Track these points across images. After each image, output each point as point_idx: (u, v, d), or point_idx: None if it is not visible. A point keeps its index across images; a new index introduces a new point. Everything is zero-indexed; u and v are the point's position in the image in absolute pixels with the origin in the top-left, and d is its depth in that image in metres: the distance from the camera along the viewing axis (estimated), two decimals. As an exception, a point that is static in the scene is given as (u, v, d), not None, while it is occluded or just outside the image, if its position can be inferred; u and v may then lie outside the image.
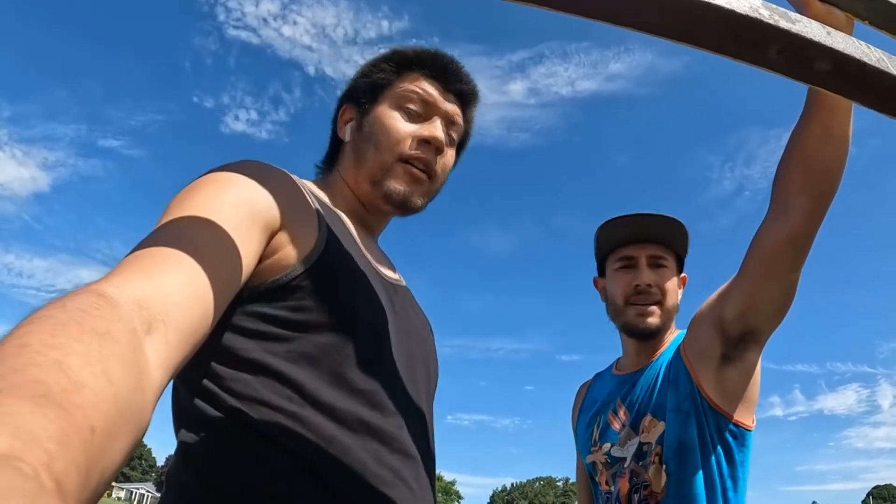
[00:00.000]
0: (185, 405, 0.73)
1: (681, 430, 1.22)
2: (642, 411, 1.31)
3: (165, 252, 0.54)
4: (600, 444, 1.39)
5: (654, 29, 0.44)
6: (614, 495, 1.30)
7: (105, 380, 0.35)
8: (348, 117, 0.98)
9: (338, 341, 0.73)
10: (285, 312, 0.71)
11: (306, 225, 0.76)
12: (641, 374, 1.37)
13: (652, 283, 1.34)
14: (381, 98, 0.94)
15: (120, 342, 0.39)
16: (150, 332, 0.46)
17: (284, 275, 0.71)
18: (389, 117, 0.92)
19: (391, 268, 0.97)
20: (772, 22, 0.43)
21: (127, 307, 0.44)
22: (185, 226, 0.60)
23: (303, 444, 0.68)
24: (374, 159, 0.91)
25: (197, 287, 0.54)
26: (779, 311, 1.15)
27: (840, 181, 1.01)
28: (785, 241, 1.05)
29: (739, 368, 1.19)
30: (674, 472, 1.21)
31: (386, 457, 0.72)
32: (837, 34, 0.45)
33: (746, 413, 1.23)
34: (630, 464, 1.28)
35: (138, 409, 0.39)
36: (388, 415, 0.75)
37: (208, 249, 0.58)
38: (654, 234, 1.37)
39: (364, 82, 0.97)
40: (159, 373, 0.45)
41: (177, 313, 0.49)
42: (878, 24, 0.56)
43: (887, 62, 0.46)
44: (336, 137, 1.01)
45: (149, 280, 0.49)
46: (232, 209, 0.65)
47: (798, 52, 0.45)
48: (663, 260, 1.37)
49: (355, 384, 0.73)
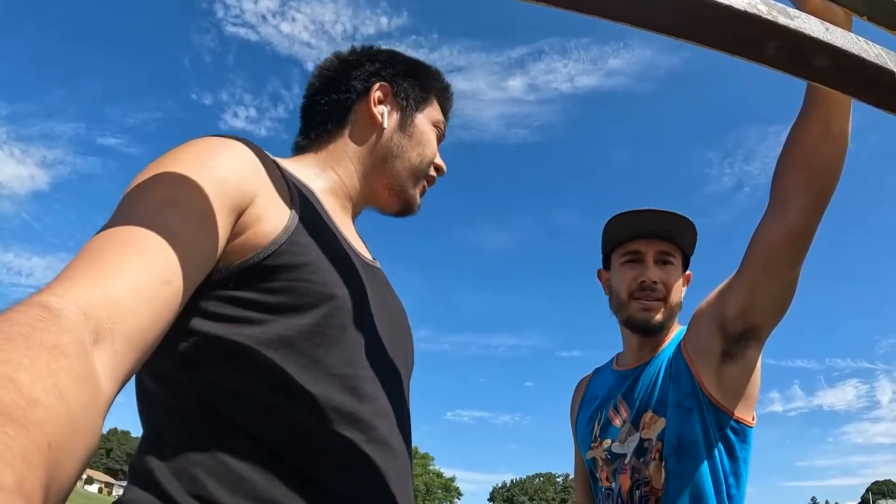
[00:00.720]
0: (152, 392, 0.70)
1: (682, 426, 1.22)
2: (643, 407, 1.31)
3: (115, 250, 0.52)
4: (601, 440, 1.39)
5: (652, 25, 0.44)
6: (615, 492, 1.30)
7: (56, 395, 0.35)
8: (382, 98, 0.94)
9: (313, 324, 0.69)
10: (257, 294, 0.67)
11: (277, 202, 0.72)
12: (643, 370, 1.37)
13: (658, 280, 1.33)
14: (422, 109, 0.97)
15: (69, 355, 0.38)
16: (98, 342, 0.44)
17: (254, 255, 0.67)
18: (431, 136, 0.97)
19: (366, 249, 0.94)
20: (770, 18, 0.43)
21: (72, 318, 0.42)
22: (140, 216, 0.57)
23: (276, 432, 0.66)
24: (414, 167, 0.94)
25: (146, 288, 0.51)
26: (779, 309, 1.15)
27: (839, 178, 1.01)
28: (784, 238, 1.05)
29: (740, 365, 1.20)
30: (673, 469, 1.21)
31: (363, 445, 0.70)
32: (836, 30, 0.45)
33: (747, 410, 1.23)
34: (631, 460, 1.28)
35: (90, 422, 0.38)
36: (365, 401, 0.72)
37: (164, 242, 0.55)
38: (664, 230, 1.37)
39: (412, 82, 0.96)
40: (108, 384, 0.44)
41: (124, 319, 0.48)
42: (877, 19, 0.56)
43: (886, 58, 0.46)
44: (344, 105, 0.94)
45: (94, 286, 0.47)
46: (194, 192, 0.62)
47: (796, 49, 0.45)
48: (671, 257, 1.37)
49: (332, 369, 0.70)
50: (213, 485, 0.62)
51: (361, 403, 0.71)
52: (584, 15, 0.44)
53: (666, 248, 1.36)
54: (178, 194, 0.61)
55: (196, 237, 0.60)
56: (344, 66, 0.96)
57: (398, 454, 0.75)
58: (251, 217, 0.68)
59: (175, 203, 0.59)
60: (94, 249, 0.52)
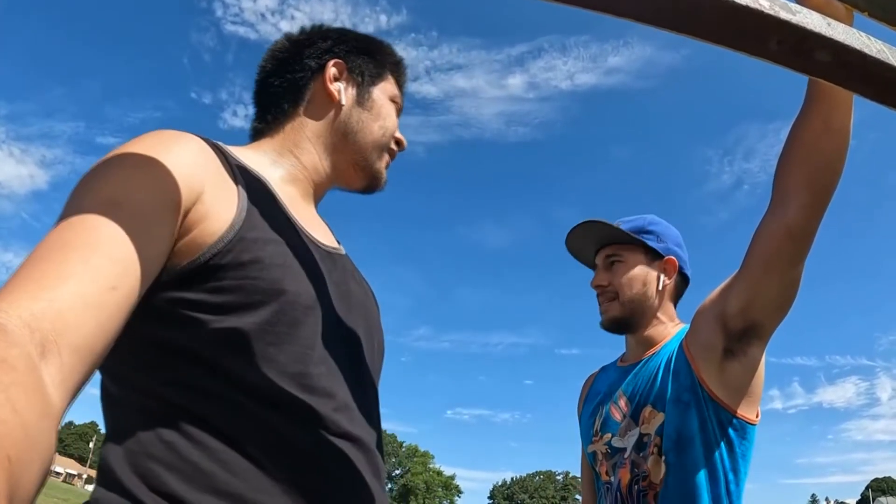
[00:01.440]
0: (112, 392, 0.70)
1: (680, 421, 1.22)
2: (642, 402, 1.31)
3: (58, 257, 0.51)
4: (601, 435, 1.40)
5: (653, 20, 0.44)
6: (614, 486, 1.31)
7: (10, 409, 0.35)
8: (337, 75, 0.93)
9: (263, 322, 0.68)
10: (204, 295, 0.66)
11: (225, 198, 0.70)
12: (643, 365, 1.38)
13: (605, 282, 1.42)
14: (379, 83, 0.97)
15: (17, 369, 0.38)
16: (44, 355, 0.44)
17: (201, 254, 0.66)
18: (390, 109, 0.98)
19: (330, 236, 0.93)
20: (772, 13, 0.43)
21: (17, 332, 0.42)
22: (82, 223, 0.55)
23: (234, 427, 0.66)
24: (377, 140, 0.94)
25: (91, 296, 0.50)
26: (781, 307, 1.15)
27: (840, 175, 1.01)
28: (786, 235, 1.05)
29: (742, 363, 1.20)
30: (673, 463, 1.21)
31: (322, 439, 0.70)
32: (838, 25, 0.45)
33: (750, 407, 1.23)
34: (630, 454, 1.29)
35: (45, 436, 0.38)
36: (321, 396, 0.71)
37: (107, 249, 0.54)
38: (596, 239, 1.47)
39: (366, 58, 0.96)
40: (59, 396, 0.44)
41: (70, 331, 0.47)
42: (878, 15, 0.56)
43: (888, 53, 0.46)
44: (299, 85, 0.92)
45: (38, 298, 0.47)
46: (138, 190, 0.60)
47: (798, 44, 0.45)
48: (616, 257, 1.44)
49: (285, 367, 0.69)
50: (173, 479, 0.62)
51: (318, 399, 0.70)
52: (585, 10, 0.44)
53: (609, 251, 1.45)
54: (123, 194, 0.59)
55: (142, 239, 0.58)
56: (296, 46, 0.95)
57: (363, 445, 0.75)
58: (197, 215, 0.67)
59: (121, 204, 0.58)
60: (39, 257, 0.52)
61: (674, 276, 1.43)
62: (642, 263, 1.41)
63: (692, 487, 1.19)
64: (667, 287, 1.42)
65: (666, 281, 1.42)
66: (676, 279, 1.44)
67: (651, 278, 1.42)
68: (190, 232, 0.66)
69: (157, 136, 0.69)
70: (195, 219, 0.66)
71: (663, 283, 1.41)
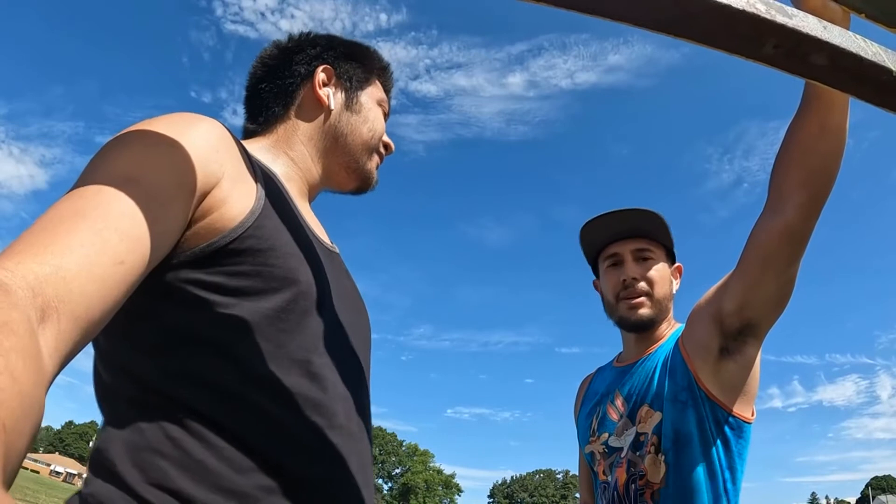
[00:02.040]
0: (109, 384, 0.69)
1: (677, 420, 1.22)
2: (639, 401, 1.32)
3: (69, 225, 0.51)
4: (598, 435, 1.40)
5: (650, 24, 0.44)
6: (612, 485, 1.31)
7: (8, 375, 0.35)
8: (326, 81, 0.95)
9: (277, 308, 0.69)
10: (221, 278, 0.66)
11: (244, 184, 0.71)
12: (640, 365, 1.38)
13: (638, 276, 1.37)
14: (365, 88, 1.00)
15: (18, 333, 0.38)
16: (44, 320, 0.43)
17: (220, 237, 0.66)
18: (378, 112, 1.00)
19: (325, 234, 0.95)
20: (768, 17, 0.43)
21: (20, 294, 0.42)
22: (99, 191, 0.55)
23: (238, 419, 0.65)
24: (366, 142, 0.97)
25: (97, 267, 0.50)
26: (777, 305, 1.15)
27: (836, 176, 1.01)
28: (781, 235, 1.06)
29: (738, 361, 1.20)
30: (672, 463, 1.21)
31: (325, 430, 0.70)
32: (834, 28, 0.45)
33: (746, 406, 1.23)
34: (627, 453, 1.29)
35: (38, 403, 0.38)
36: (325, 386, 0.72)
37: (121, 220, 0.54)
38: (634, 228, 1.41)
39: (353, 63, 0.99)
40: (51, 363, 0.43)
41: (72, 299, 0.47)
42: (875, 17, 0.56)
43: (884, 56, 0.47)
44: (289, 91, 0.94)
45: (45, 262, 0.46)
46: (157, 170, 0.60)
47: (794, 47, 0.45)
48: (648, 252, 1.40)
49: (294, 354, 0.69)
50: (175, 473, 0.62)
51: (322, 389, 0.71)
52: (582, 14, 0.44)
53: (642, 245, 1.40)
54: (140, 171, 0.59)
55: (154, 218, 0.58)
56: (285, 52, 0.97)
57: (358, 438, 0.75)
58: (216, 199, 0.66)
59: (137, 181, 0.58)
60: (50, 221, 0.51)
61: (679, 280, 1.45)
62: (666, 265, 1.42)
63: (691, 486, 1.19)
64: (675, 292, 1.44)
65: (676, 286, 1.43)
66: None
67: (674, 281, 1.43)
68: (208, 215, 0.66)
69: (178, 116, 0.69)
70: (213, 203, 0.66)
71: (675, 287, 1.43)
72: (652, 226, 1.40)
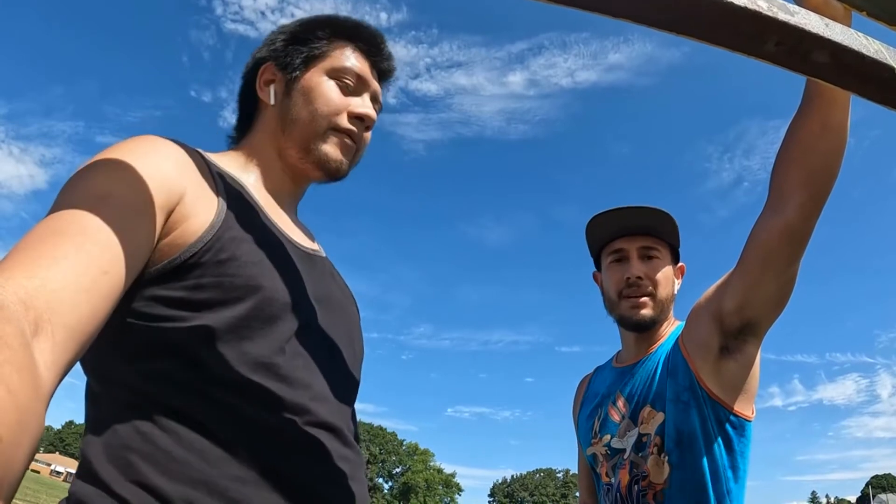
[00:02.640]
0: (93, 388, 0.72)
1: (680, 420, 1.22)
2: (641, 402, 1.31)
3: (52, 241, 0.53)
4: (600, 436, 1.40)
5: (652, 22, 0.44)
6: (615, 487, 1.31)
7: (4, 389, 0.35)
8: (270, 78, 0.94)
9: (240, 316, 0.71)
10: (183, 293, 0.69)
11: (204, 200, 0.73)
12: (641, 365, 1.37)
13: (643, 275, 1.35)
14: (314, 65, 0.93)
15: (13, 347, 0.38)
16: (37, 333, 0.44)
17: (181, 253, 0.69)
18: (326, 87, 0.91)
19: (309, 238, 0.95)
20: (770, 14, 0.43)
21: (12, 308, 0.42)
22: (75, 211, 0.57)
23: (211, 418, 0.68)
24: (308, 126, 0.90)
25: (84, 278, 0.52)
26: (777, 304, 1.15)
27: (838, 174, 1.01)
28: (782, 234, 1.05)
29: (738, 360, 1.20)
30: (676, 463, 1.21)
31: (298, 428, 0.72)
32: (835, 25, 0.45)
33: (746, 404, 1.23)
34: (630, 455, 1.29)
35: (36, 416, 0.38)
36: (297, 387, 0.73)
37: (98, 237, 0.56)
38: (643, 225, 1.39)
39: (295, 47, 0.94)
40: (50, 376, 0.44)
41: (63, 310, 0.48)
42: (876, 15, 0.56)
43: (885, 53, 0.46)
44: (251, 98, 0.96)
45: (33, 276, 0.48)
46: (126, 188, 0.63)
47: (796, 45, 0.45)
48: (654, 251, 1.38)
49: (261, 358, 0.71)
50: (149, 469, 0.64)
51: (293, 389, 0.73)
52: (583, 11, 0.44)
53: (649, 243, 1.38)
54: (110, 190, 0.62)
55: (129, 230, 0.60)
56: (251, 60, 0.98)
57: (340, 435, 0.77)
58: (179, 216, 0.69)
59: (107, 198, 0.61)
60: (32, 240, 0.53)
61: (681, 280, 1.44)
62: (670, 264, 1.40)
63: (695, 486, 1.19)
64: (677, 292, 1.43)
65: (678, 286, 1.42)
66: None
67: (676, 282, 1.42)
68: (172, 232, 0.69)
69: (141, 140, 0.72)
70: (177, 219, 0.69)
71: (677, 287, 1.42)
72: (662, 225, 1.39)
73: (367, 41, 0.96)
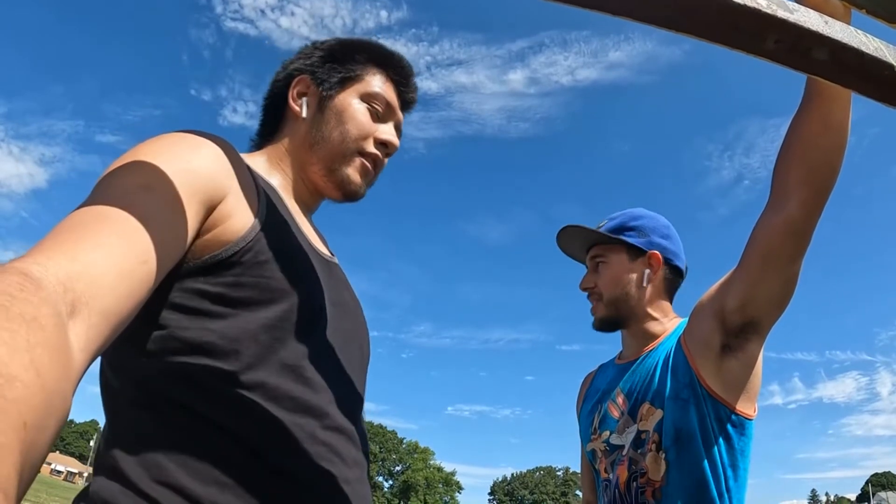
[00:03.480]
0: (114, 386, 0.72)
1: (679, 417, 1.22)
2: (640, 399, 1.32)
3: (94, 227, 0.53)
4: (600, 432, 1.40)
5: (651, 19, 0.44)
6: (613, 483, 1.31)
7: (34, 371, 0.35)
8: (303, 90, 0.96)
9: (274, 318, 0.72)
10: (223, 289, 0.70)
11: (246, 199, 0.75)
12: (641, 362, 1.38)
13: (591, 285, 1.46)
14: (349, 86, 0.95)
15: (46, 328, 0.39)
16: (74, 314, 0.45)
17: (224, 250, 0.70)
18: (358, 111, 0.94)
19: (325, 245, 0.97)
20: (769, 11, 0.43)
21: (52, 288, 0.43)
22: (117, 198, 0.58)
23: (235, 419, 0.68)
24: (337, 147, 0.92)
25: (124, 265, 0.53)
26: (779, 303, 1.15)
27: (839, 171, 1.01)
28: (784, 232, 1.06)
29: (740, 359, 1.20)
30: (673, 461, 1.21)
31: (319, 432, 0.73)
32: (835, 23, 0.45)
33: (748, 402, 1.23)
34: (628, 451, 1.29)
35: (63, 398, 0.39)
36: (318, 391, 0.75)
37: (141, 224, 0.57)
38: (580, 244, 1.50)
39: (333, 65, 0.96)
40: (81, 357, 0.45)
41: (101, 294, 0.49)
42: (875, 12, 0.56)
43: (885, 51, 0.46)
44: (279, 106, 0.98)
45: (74, 259, 0.48)
46: (169, 181, 0.64)
47: (796, 42, 0.45)
48: (599, 258, 1.46)
49: (288, 360, 0.73)
50: (177, 470, 0.64)
51: (315, 392, 0.74)
52: (582, 9, 0.44)
53: (594, 253, 1.47)
54: (154, 181, 0.63)
55: (170, 223, 0.61)
56: (282, 68, 1.00)
57: (353, 440, 0.79)
58: (222, 213, 0.70)
59: (151, 188, 0.61)
60: (74, 223, 0.53)
61: (660, 269, 1.41)
62: (625, 262, 1.42)
63: (692, 484, 1.19)
64: (653, 282, 1.41)
65: (651, 276, 1.41)
66: (665, 272, 1.42)
67: (633, 276, 1.41)
68: (214, 228, 0.70)
69: (189, 135, 0.73)
70: (220, 216, 0.70)
71: (648, 278, 1.40)
72: (584, 237, 1.48)
73: (399, 72, 1.00)
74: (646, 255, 1.42)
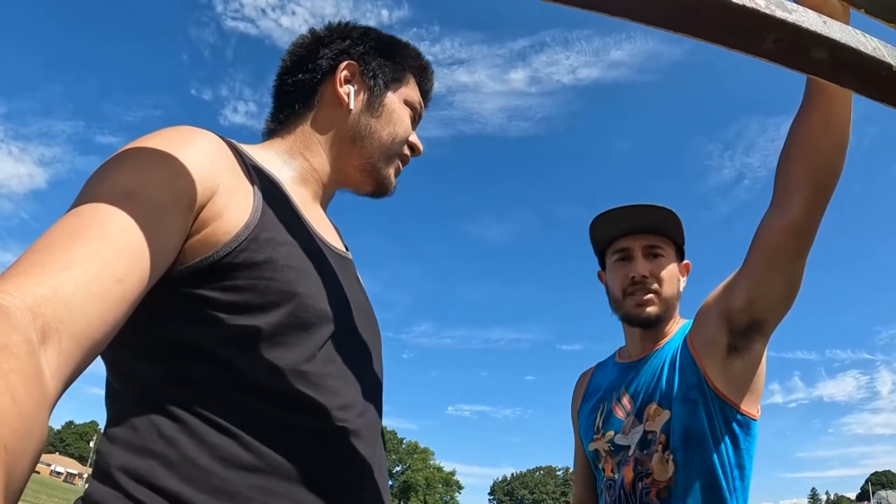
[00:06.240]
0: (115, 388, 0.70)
1: (688, 418, 1.22)
2: (647, 399, 1.31)
3: (67, 244, 0.51)
4: (604, 432, 1.39)
5: (650, 20, 0.44)
6: (618, 483, 1.31)
7: (9, 398, 0.35)
8: (349, 78, 0.91)
9: (276, 323, 0.68)
10: (218, 293, 0.66)
11: (240, 197, 0.70)
12: (646, 362, 1.37)
13: (647, 274, 1.35)
14: (396, 87, 0.94)
15: (19, 356, 0.38)
16: (45, 341, 0.44)
17: (215, 251, 0.65)
18: (405, 114, 0.95)
19: (339, 238, 0.95)
20: (768, 11, 0.43)
21: (20, 315, 0.42)
22: (94, 212, 0.55)
23: (238, 424, 0.66)
24: (384, 146, 0.92)
25: (95, 286, 0.50)
26: (784, 302, 1.15)
27: (841, 171, 1.01)
28: (787, 231, 1.06)
29: (746, 359, 1.20)
30: (682, 462, 1.21)
31: (330, 436, 0.70)
32: (834, 23, 0.45)
33: (752, 403, 1.23)
34: (634, 452, 1.29)
35: (40, 424, 0.38)
36: (329, 395, 0.71)
37: (117, 240, 0.54)
38: (647, 224, 1.39)
39: (384, 60, 0.93)
40: (55, 384, 0.44)
41: (72, 319, 0.47)
42: (874, 12, 0.56)
43: (884, 51, 0.46)
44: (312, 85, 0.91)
45: (42, 283, 0.47)
46: (153, 186, 0.60)
47: (794, 42, 0.45)
48: (659, 249, 1.38)
49: (294, 365, 0.69)
50: (170, 475, 0.62)
51: (325, 397, 0.71)
52: (581, 10, 0.44)
53: (653, 241, 1.38)
54: (137, 186, 0.59)
55: (153, 232, 0.58)
56: (314, 43, 0.93)
57: (370, 443, 0.75)
58: (212, 213, 0.66)
59: (132, 196, 0.58)
60: (46, 242, 0.51)
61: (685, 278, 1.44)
62: (674, 261, 1.40)
63: (700, 485, 1.19)
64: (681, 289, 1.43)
65: (683, 283, 1.42)
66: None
67: (681, 279, 1.42)
68: (204, 229, 0.66)
69: (174, 131, 0.69)
70: (209, 216, 0.66)
71: (683, 285, 1.42)
72: (666, 223, 1.39)
73: (429, 85, 1.01)
74: (683, 262, 1.43)
